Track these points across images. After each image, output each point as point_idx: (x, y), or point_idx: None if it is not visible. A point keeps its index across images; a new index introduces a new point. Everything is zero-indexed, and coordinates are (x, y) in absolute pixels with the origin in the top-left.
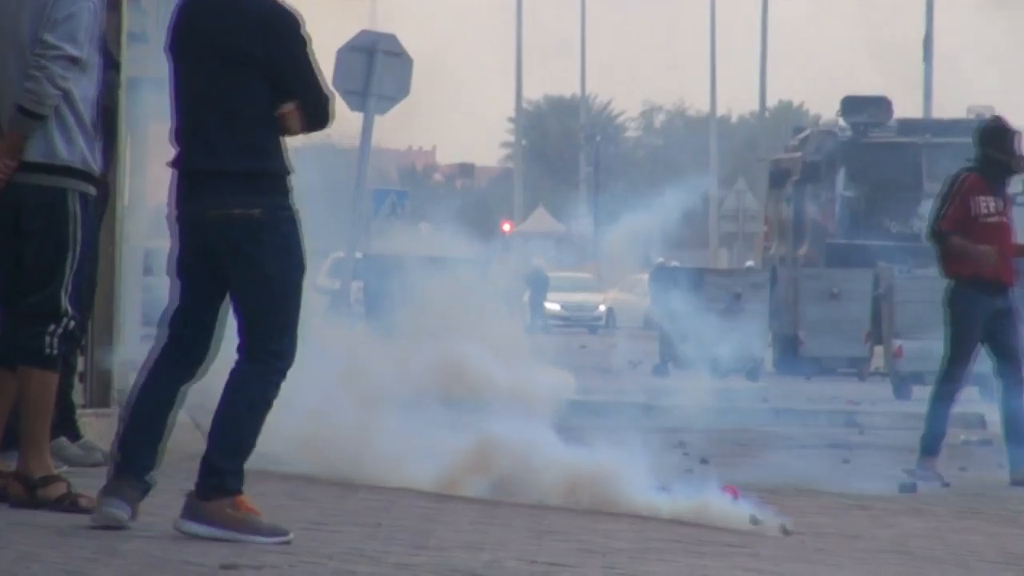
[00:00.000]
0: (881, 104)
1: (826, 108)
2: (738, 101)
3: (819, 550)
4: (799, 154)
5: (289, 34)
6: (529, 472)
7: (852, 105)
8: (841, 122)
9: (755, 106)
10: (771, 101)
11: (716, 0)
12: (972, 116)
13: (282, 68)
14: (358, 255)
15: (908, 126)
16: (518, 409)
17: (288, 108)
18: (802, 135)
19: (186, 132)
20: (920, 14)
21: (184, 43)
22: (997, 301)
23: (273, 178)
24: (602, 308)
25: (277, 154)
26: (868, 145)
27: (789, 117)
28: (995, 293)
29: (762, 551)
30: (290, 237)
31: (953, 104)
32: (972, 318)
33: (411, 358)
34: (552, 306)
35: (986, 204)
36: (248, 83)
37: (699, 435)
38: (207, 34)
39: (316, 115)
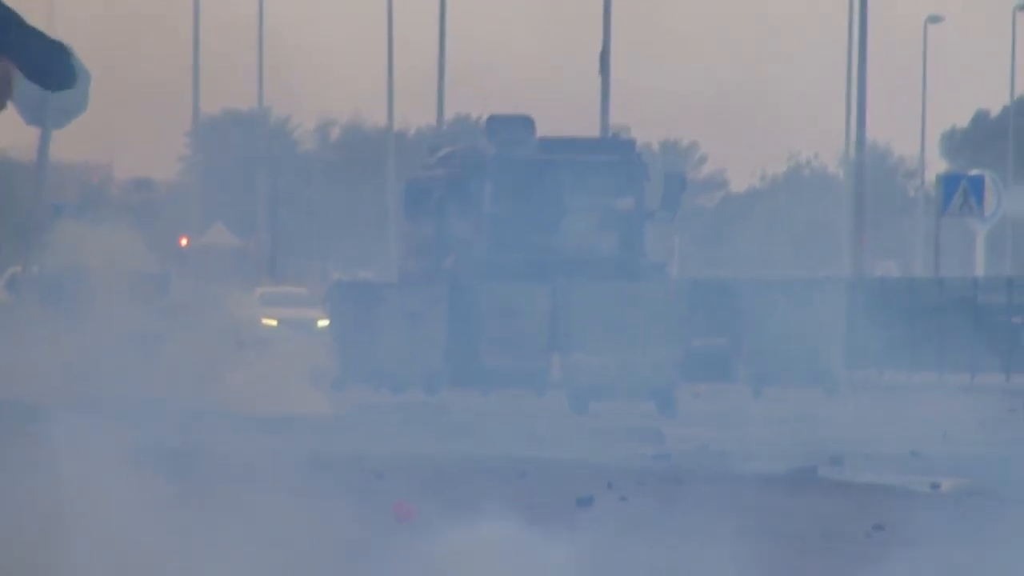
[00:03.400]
0: (524, 123)
1: None
2: (416, 115)
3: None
4: (440, 171)
5: None
6: None
7: (496, 124)
8: (485, 140)
9: (433, 120)
10: (449, 115)
11: (394, 15)
12: (610, 135)
13: None
14: (35, 269)
15: (549, 145)
16: None
17: None
18: (441, 153)
19: None
20: (599, 29)
21: None
22: None
23: None
24: (322, 324)
25: None
26: (512, 163)
27: (467, 131)
28: None
29: None
30: None
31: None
32: None
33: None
34: (269, 321)
35: None
36: None
37: (377, 450)
38: None
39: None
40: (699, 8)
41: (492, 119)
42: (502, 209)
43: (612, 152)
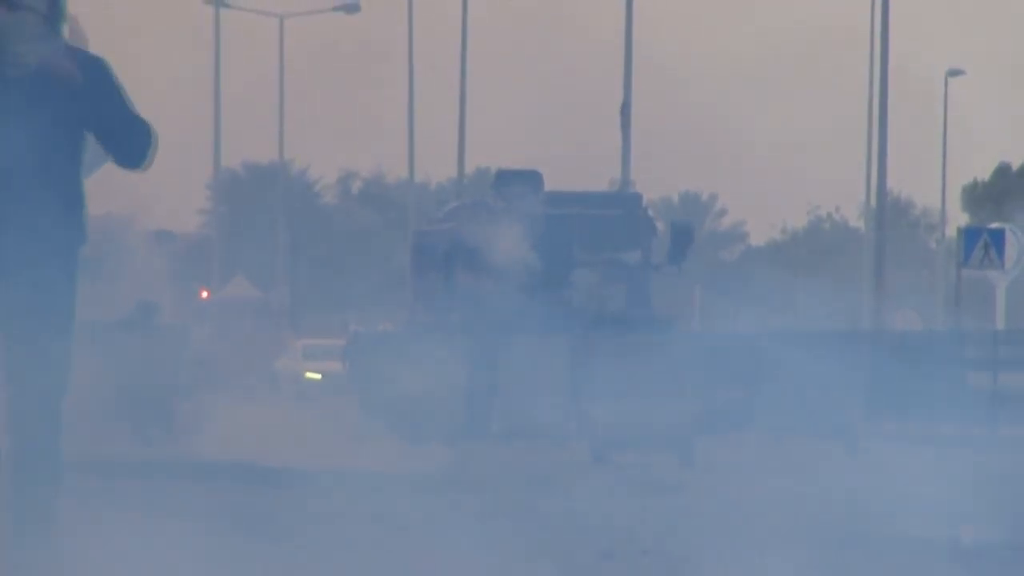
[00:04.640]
0: (533, 177)
1: None
2: (437, 167)
3: None
4: (448, 226)
5: None
6: None
7: (505, 178)
8: (493, 195)
9: (453, 172)
10: (470, 167)
11: (415, 69)
12: (614, 189)
13: None
14: None
15: (557, 199)
16: None
17: None
18: (448, 207)
19: None
20: (619, 81)
21: None
22: None
23: None
24: None
25: None
26: (520, 217)
27: (487, 183)
28: None
29: None
30: None
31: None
32: None
33: None
34: (313, 375)
35: None
36: None
37: (395, 505)
38: None
39: None
40: (718, 60)
41: (500, 174)
42: (509, 263)
43: (619, 206)
